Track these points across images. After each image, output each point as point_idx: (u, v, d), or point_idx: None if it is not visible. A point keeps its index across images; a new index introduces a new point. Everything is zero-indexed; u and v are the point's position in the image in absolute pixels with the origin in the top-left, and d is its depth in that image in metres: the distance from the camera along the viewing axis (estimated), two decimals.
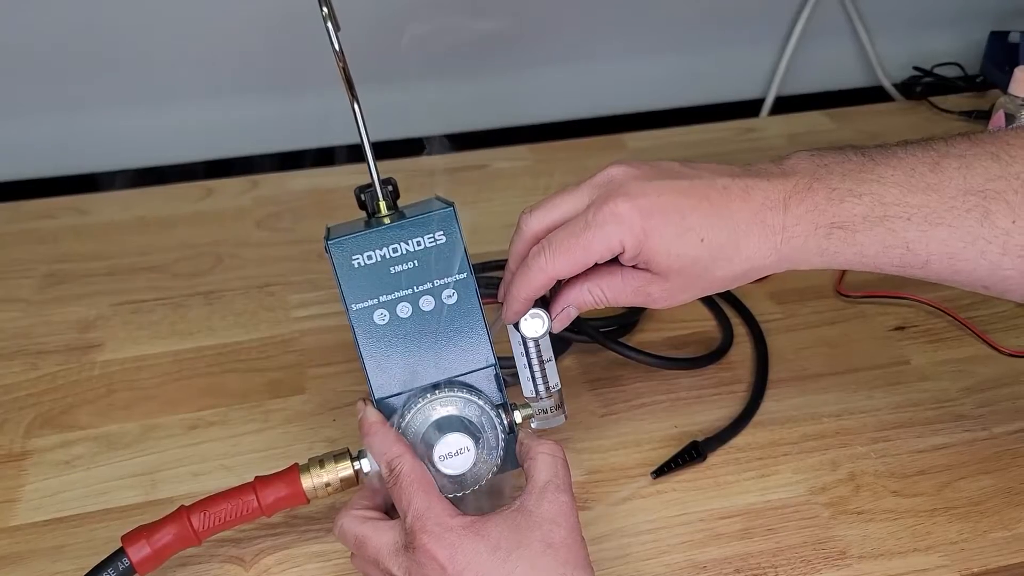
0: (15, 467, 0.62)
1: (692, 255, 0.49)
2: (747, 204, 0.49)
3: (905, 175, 0.48)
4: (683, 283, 0.50)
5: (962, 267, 0.48)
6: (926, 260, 0.48)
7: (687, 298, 0.52)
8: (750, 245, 0.49)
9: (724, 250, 0.49)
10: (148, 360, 0.71)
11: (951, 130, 1.02)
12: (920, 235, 0.48)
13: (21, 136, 0.96)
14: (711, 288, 0.52)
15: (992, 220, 0.47)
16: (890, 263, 0.49)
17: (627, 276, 0.51)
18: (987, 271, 0.48)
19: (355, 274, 0.49)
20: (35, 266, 0.83)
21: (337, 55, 0.49)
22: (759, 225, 0.49)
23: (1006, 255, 0.47)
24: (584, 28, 1.02)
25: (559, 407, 0.55)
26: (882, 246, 0.48)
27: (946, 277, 0.49)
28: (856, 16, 1.10)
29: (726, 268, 0.50)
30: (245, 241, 0.86)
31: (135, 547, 0.49)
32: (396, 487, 0.47)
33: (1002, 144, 0.48)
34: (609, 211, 0.48)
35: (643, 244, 0.49)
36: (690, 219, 0.49)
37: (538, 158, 0.99)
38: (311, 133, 1.01)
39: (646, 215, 0.48)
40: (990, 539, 0.56)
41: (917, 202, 0.48)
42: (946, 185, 0.47)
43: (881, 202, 0.48)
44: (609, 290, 0.51)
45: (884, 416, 0.65)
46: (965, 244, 0.47)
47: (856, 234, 0.48)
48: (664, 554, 0.55)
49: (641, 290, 0.51)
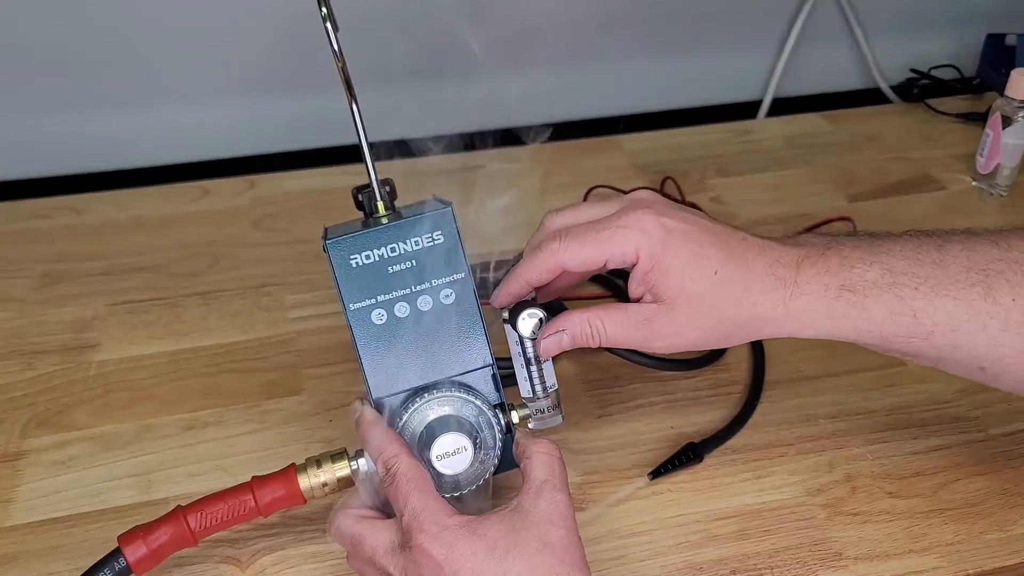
0: (10, 467, 0.62)
1: (703, 285, 0.50)
2: (762, 256, 0.51)
3: (913, 251, 0.51)
4: (688, 318, 0.51)
5: (964, 341, 0.50)
6: (931, 330, 0.50)
7: (689, 340, 0.52)
8: (760, 291, 0.50)
9: (734, 289, 0.50)
10: (144, 360, 0.71)
11: (947, 131, 1.03)
12: (927, 304, 0.49)
13: (17, 135, 0.95)
14: (714, 332, 0.52)
15: (994, 296, 0.49)
16: (896, 331, 0.50)
17: (630, 310, 0.52)
18: (987, 348, 0.49)
19: (353, 274, 0.49)
20: (31, 266, 0.83)
21: (336, 55, 0.49)
22: (771, 276, 0.50)
23: (1006, 331, 0.49)
24: (582, 29, 1.02)
25: (556, 407, 0.55)
26: (890, 312, 0.50)
27: (947, 353, 0.51)
28: (853, 18, 1.10)
29: (733, 310, 0.51)
30: (242, 241, 0.86)
31: (131, 547, 0.49)
32: (392, 487, 0.47)
33: (1001, 235, 0.51)
34: (635, 218, 0.50)
35: (659, 259, 0.50)
36: (708, 250, 0.50)
37: (536, 159, 0.99)
38: (309, 133, 1.01)
39: (668, 231, 0.50)
40: (985, 540, 0.56)
41: (925, 273, 0.50)
42: (951, 262, 0.50)
43: (891, 271, 0.50)
44: (610, 324, 0.52)
45: (880, 418, 0.65)
46: (969, 317, 0.49)
47: (866, 298, 0.50)
48: (660, 555, 0.55)
49: (645, 324, 0.51)
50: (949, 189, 0.93)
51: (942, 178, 0.95)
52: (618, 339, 0.52)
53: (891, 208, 0.90)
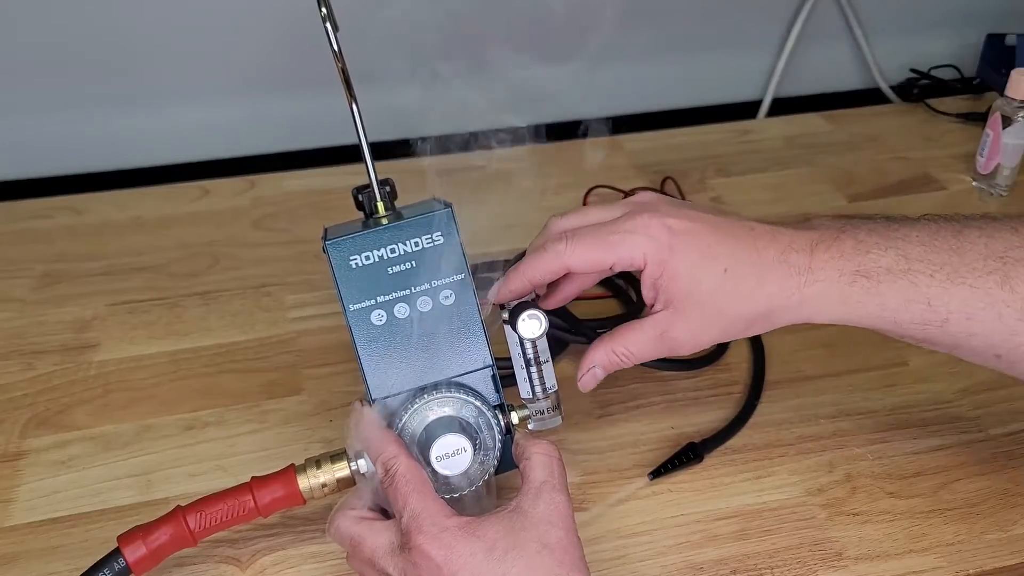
0: (10, 467, 0.62)
1: (713, 283, 0.49)
2: (774, 243, 0.50)
3: (929, 236, 0.50)
4: (703, 319, 0.51)
5: (979, 329, 0.49)
6: (945, 318, 0.49)
7: (709, 339, 0.52)
8: (773, 282, 0.50)
9: (746, 284, 0.50)
10: (144, 360, 0.71)
11: (947, 131, 1.03)
12: (942, 292, 0.49)
13: (16, 135, 0.95)
14: (732, 327, 0.52)
15: (1011, 284, 0.48)
16: (910, 318, 0.50)
17: (646, 326, 0.52)
18: (1002, 336, 0.49)
19: (353, 275, 0.49)
20: (31, 266, 0.83)
21: (335, 55, 0.49)
22: (784, 264, 0.50)
23: (1023, 320, 0.48)
24: (581, 29, 1.02)
25: (556, 408, 0.55)
26: (904, 299, 0.49)
27: (962, 340, 0.50)
28: (853, 18, 1.10)
29: (748, 305, 0.50)
30: (242, 241, 0.86)
31: (131, 547, 0.49)
32: (392, 488, 0.47)
33: (1021, 221, 0.50)
34: (641, 223, 0.50)
35: (666, 262, 0.49)
36: (716, 248, 0.50)
37: (536, 159, 0.99)
38: (309, 133, 1.01)
39: (674, 234, 0.49)
40: (986, 540, 0.56)
41: (940, 260, 0.49)
42: (968, 249, 0.49)
43: (906, 257, 0.49)
44: (633, 345, 0.52)
45: (881, 418, 0.65)
46: (984, 305, 0.48)
47: (880, 284, 0.49)
48: (661, 555, 0.55)
49: (665, 336, 0.51)
50: (949, 189, 0.93)
51: (942, 178, 0.95)
52: (645, 356, 0.52)
53: (891, 208, 0.90)
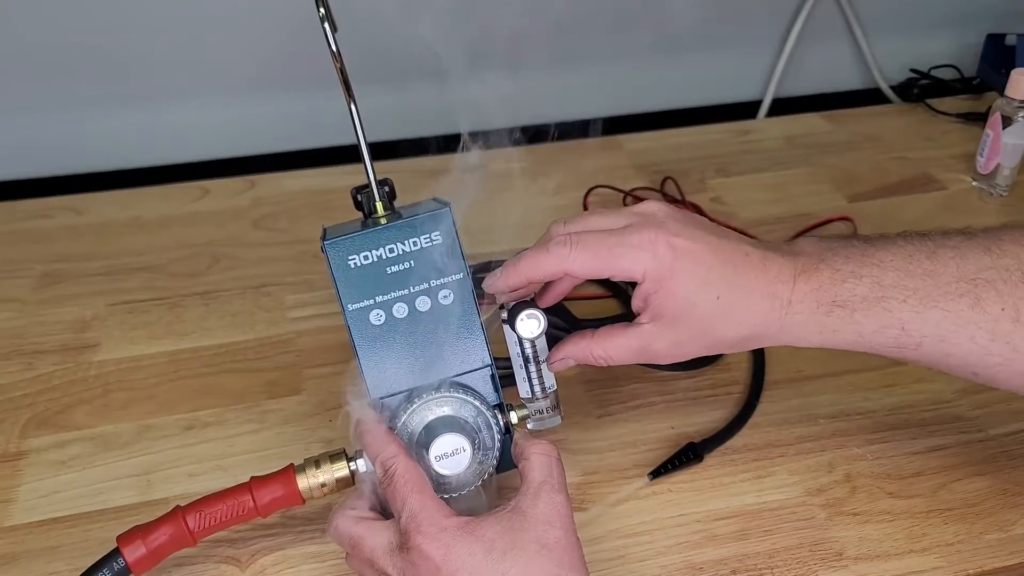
0: (10, 467, 0.62)
1: (705, 309, 0.50)
2: (763, 275, 0.51)
3: (904, 261, 0.51)
4: (688, 336, 0.52)
5: (953, 350, 0.50)
6: (919, 341, 0.50)
7: (690, 354, 0.53)
8: (759, 313, 0.51)
9: (735, 312, 0.51)
10: (144, 360, 0.71)
11: (947, 131, 1.03)
12: (915, 316, 0.50)
13: (16, 135, 0.95)
14: (712, 347, 0.53)
15: (983, 306, 0.49)
16: (885, 343, 0.51)
17: (631, 335, 0.52)
18: (977, 356, 0.50)
19: (351, 274, 0.49)
20: (31, 266, 0.83)
21: (334, 55, 0.49)
22: (769, 296, 0.51)
23: (994, 340, 0.49)
24: (581, 30, 1.02)
25: (555, 408, 0.55)
26: (879, 325, 0.50)
27: (937, 360, 0.51)
28: (853, 18, 1.10)
29: (733, 330, 0.51)
30: (242, 241, 0.86)
31: (131, 547, 0.49)
32: (390, 487, 0.47)
33: (994, 239, 0.51)
34: (648, 238, 0.50)
35: (664, 282, 0.50)
36: (713, 275, 0.50)
37: (535, 159, 0.98)
38: (308, 133, 1.01)
39: (678, 255, 0.50)
40: (985, 541, 0.56)
41: (914, 285, 0.50)
42: (941, 272, 0.50)
43: (880, 284, 0.50)
44: (614, 351, 0.53)
45: (880, 418, 0.65)
46: (956, 327, 0.49)
47: (855, 313, 0.50)
48: (660, 555, 0.55)
49: (647, 348, 0.52)
50: (949, 189, 0.93)
51: (942, 178, 0.95)
52: (622, 362, 0.53)
53: (891, 208, 0.90)
